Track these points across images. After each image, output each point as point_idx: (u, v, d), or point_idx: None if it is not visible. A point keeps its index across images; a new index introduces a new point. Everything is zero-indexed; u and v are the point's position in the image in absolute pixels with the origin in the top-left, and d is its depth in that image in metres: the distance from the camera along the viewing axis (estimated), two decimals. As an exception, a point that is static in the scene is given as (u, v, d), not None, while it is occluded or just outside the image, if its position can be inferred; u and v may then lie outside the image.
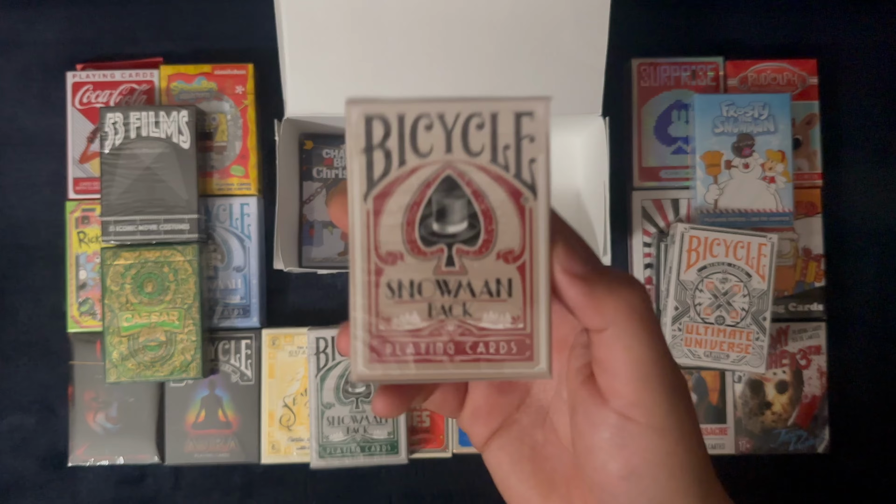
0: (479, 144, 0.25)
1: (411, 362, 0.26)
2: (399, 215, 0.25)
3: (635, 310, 0.25)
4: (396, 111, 0.25)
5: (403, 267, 0.25)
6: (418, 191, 0.25)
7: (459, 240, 0.26)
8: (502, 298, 0.26)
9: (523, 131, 0.25)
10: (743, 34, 0.69)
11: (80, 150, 0.65)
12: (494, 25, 0.58)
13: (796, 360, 0.65)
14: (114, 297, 0.61)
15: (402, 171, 0.25)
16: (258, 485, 0.64)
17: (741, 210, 0.64)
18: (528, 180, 0.26)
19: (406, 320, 0.26)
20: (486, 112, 0.25)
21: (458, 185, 0.25)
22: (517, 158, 0.25)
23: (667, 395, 0.25)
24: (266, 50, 0.63)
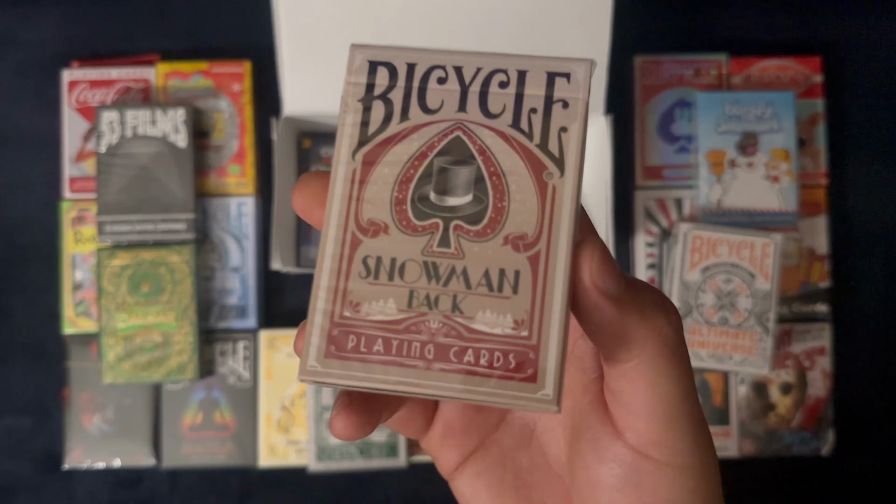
0: (500, 105, 0.21)
1: (377, 363, 0.20)
2: (391, 178, 0.21)
3: (667, 342, 0.21)
4: (406, 59, 0.21)
5: (387, 241, 0.20)
6: (418, 151, 0.21)
7: (460, 215, 0.21)
8: (505, 295, 0.20)
9: (556, 94, 0.21)
10: (746, 31, 0.68)
11: (76, 148, 0.64)
12: (495, 22, 0.57)
13: (800, 361, 0.65)
14: (110, 298, 0.61)
15: (403, 126, 0.21)
16: (255, 488, 0.64)
17: (745, 209, 0.63)
18: (556, 153, 0.21)
19: (378, 308, 0.20)
20: (512, 69, 0.21)
21: (467, 148, 0.21)
22: (545, 126, 0.21)
23: (693, 430, 0.22)
24: (263, 47, 0.62)
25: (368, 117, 0.21)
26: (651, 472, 0.22)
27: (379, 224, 0.21)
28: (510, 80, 0.21)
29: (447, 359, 0.20)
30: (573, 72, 0.21)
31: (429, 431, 0.26)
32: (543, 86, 0.21)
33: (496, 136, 0.21)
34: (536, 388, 0.19)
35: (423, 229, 0.21)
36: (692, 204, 0.65)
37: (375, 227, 0.21)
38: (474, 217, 0.21)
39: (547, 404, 0.19)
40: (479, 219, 0.21)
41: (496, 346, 0.20)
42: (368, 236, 0.20)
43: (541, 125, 0.21)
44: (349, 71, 0.21)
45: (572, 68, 0.21)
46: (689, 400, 0.22)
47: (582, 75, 0.21)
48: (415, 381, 0.20)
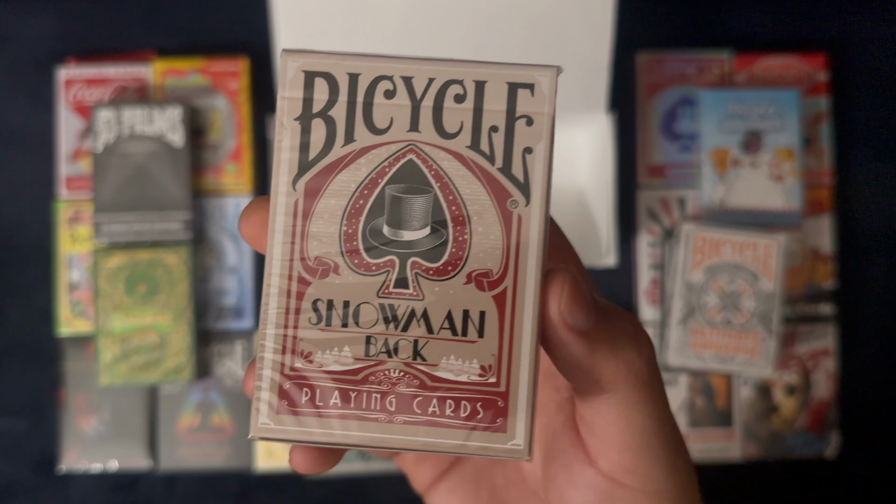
0: (457, 123, 0.19)
1: (335, 418, 0.18)
2: (338, 211, 0.19)
3: (639, 376, 0.20)
4: (348, 68, 0.18)
5: (338, 282, 0.19)
6: (367, 179, 0.19)
7: (418, 251, 0.19)
8: (470, 339, 0.19)
9: (518, 109, 0.19)
10: (750, 27, 0.67)
11: (72, 147, 0.63)
12: (495, 20, 0.56)
13: (804, 362, 0.64)
14: (106, 299, 0.60)
15: (348, 150, 0.19)
16: (253, 491, 0.63)
17: (748, 209, 0.63)
18: (521, 177, 0.19)
19: (333, 357, 0.19)
20: (469, 79, 0.19)
21: (422, 174, 0.19)
22: (507, 146, 0.19)
23: (668, 457, 0.21)
24: (261, 44, 0.62)
25: (308, 139, 0.18)
26: (625, 499, 0.21)
27: (328, 263, 0.19)
28: (467, 92, 0.19)
29: (410, 410, 0.19)
30: (537, 82, 0.19)
31: (400, 453, 0.25)
32: (504, 99, 0.19)
33: (453, 160, 0.19)
34: (507, 437, 0.19)
35: (378, 268, 0.19)
36: (695, 203, 0.64)
37: (324, 267, 0.19)
38: (433, 253, 0.19)
39: (518, 454, 0.19)
40: (439, 255, 0.19)
41: (462, 394, 0.19)
42: (317, 277, 0.19)
43: (503, 146, 0.19)
44: (282, 84, 0.18)
45: (536, 78, 0.19)
46: (665, 428, 0.21)
47: (547, 86, 0.19)
48: (377, 437, 0.18)
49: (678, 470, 0.22)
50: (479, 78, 0.19)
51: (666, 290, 0.63)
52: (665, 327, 0.62)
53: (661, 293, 0.64)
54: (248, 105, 0.64)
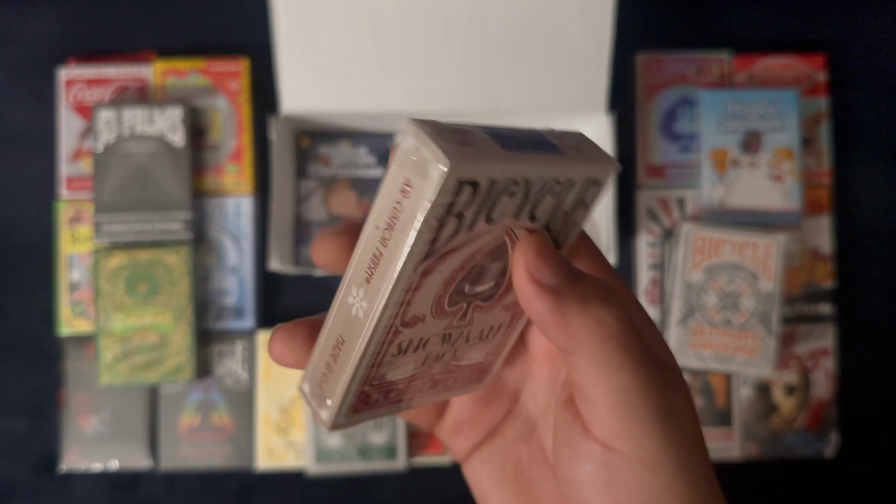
0: (545, 212, 0.22)
1: (392, 403, 0.24)
2: (440, 281, 0.21)
3: (611, 332, 0.21)
4: (489, 174, 0.19)
5: (420, 328, 0.22)
6: (469, 257, 0.21)
7: (481, 297, 0.23)
8: (487, 340, 0.25)
9: (584, 197, 0.23)
10: (749, 28, 0.67)
11: (72, 147, 0.63)
12: (496, 19, 0.56)
13: (804, 362, 0.64)
14: (107, 298, 0.60)
15: (467, 237, 0.20)
16: (253, 490, 0.63)
17: (748, 209, 0.63)
18: (562, 241, 0.23)
19: (400, 372, 0.23)
20: (564, 176, 0.21)
21: (506, 249, 0.22)
22: (565, 222, 0.23)
23: (660, 424, 0.21)
24: (261, 45, 0.62)
25: (440, 234, 0.20)
26: (621, 469, 0.22)
27: (419, 317, 0.21)
28: (562, 188, 0.22)
29: (436, 386, 0.25)
30: (601, 180, 0.22)
31: (440, 423, 0.28)
32: (578, 191, 0.22)
33: (526, 233, 0.22)
34: (481, 384, 0.26)
35: (451, 313, 0.23)
36: (695, 203, 0.64)
37: (415, 320, 0.22)
38: (489, 294, 0.23)
39: (480, 385, 0.26)
40: (492, 295, 0.23)
41: (467, 370, 0.25)
42: (408, 328, 0.22)
43: (562, 223, 0.23)
44: (438, 190, 0.18)
45: (601, 176, 0.22)
46: (653, 393, 0.21)
47: (606, 180, 0.23)
48: (403, 406, 0.25)
49: (675, 442, 0.22)
50: (572, 176, 0.21)
51: (665, 290, 0.63)
52: (665, 327, 0.62)
53: (660, 293, 0.64)
54: (249, 105, 0.64)
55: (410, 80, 0.57)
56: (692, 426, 0.22)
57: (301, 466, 0.62)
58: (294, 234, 0.63)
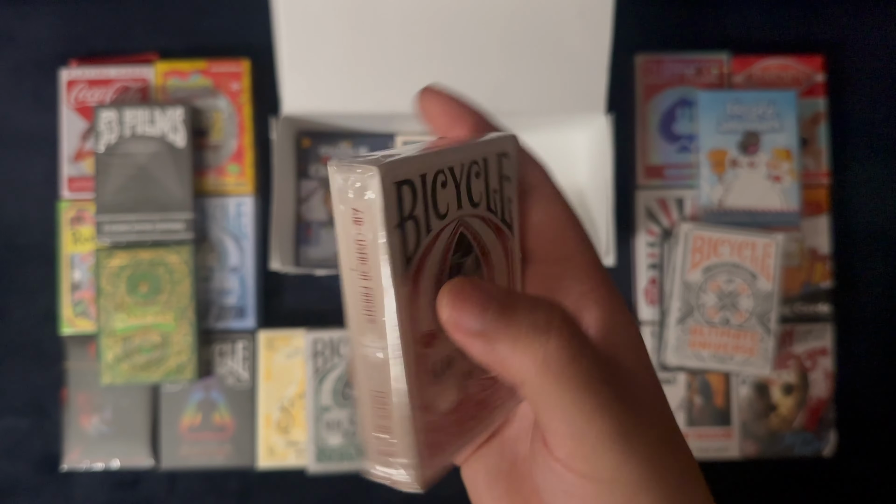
0: (479, 193, 0.23)
1: (456, 437, 0.24)
2: (430, 287, 0.22)
3: (548, 366, 0.21)
4: (419, 171, 0.21)
5: (440, 346, 0.22)
6: (441, 258, 0.22)
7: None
8: None
9: (504, 172, 0.25)
10: (748, 29, 0.68)
11: (74, 148, 0.64)
12: (495, 21, 0.57)
13: (802, 362, 0.64)
14: (108, 298, 0.60)
15: (430, 238, 0.22)
16: (254, 489, 0.64)
17: (746, 209, 0.63)
18: (509, 220, 0.25)
19: (447, 400, 0.23)
20: (479, 157, 0.24)
21: (469, 241, 0.23)
22: (502, 200, 0.24)
23: (614, 445, 0.21)
24: (262, 46, 0.62)
25: (407, 241, 0.21)
26: (580, 485, 0.22)
27: (433, 333, 0.22)
28: (480, 167, 0.24)
29: (488, 406, 0.25)
30: (508, 151, 0.25)
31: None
32: (496, 168, 0.24)
33: (481, 222, 0.24)
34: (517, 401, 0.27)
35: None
36: (693, 204, 0.64)
37: (431, 337, 0.22)
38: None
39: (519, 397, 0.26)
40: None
41: (498, 381, 0.25)
42: (428, 348, 0.22)
43: (500, 201, 0.24)
44: (383, 197, 0.20)
45: (506, 148, 0.25)
46: (605, 415, 0.21)
47: (513, 151, 0.25)
48: (483, 429, 0.25)
49: (633, 460, 0.22)
50: (483, 155, 0.24)
51: (664, 290, 0.63)
52: (663, 327, 0.62)
53: (659, 293, 0.64)
54: (250, 106, 0.64)
55: (411, 80, 0.57)
56: (659, 440, 0.22)
57: (302, 465, 0.62)
58: (295, 234, 0.63)
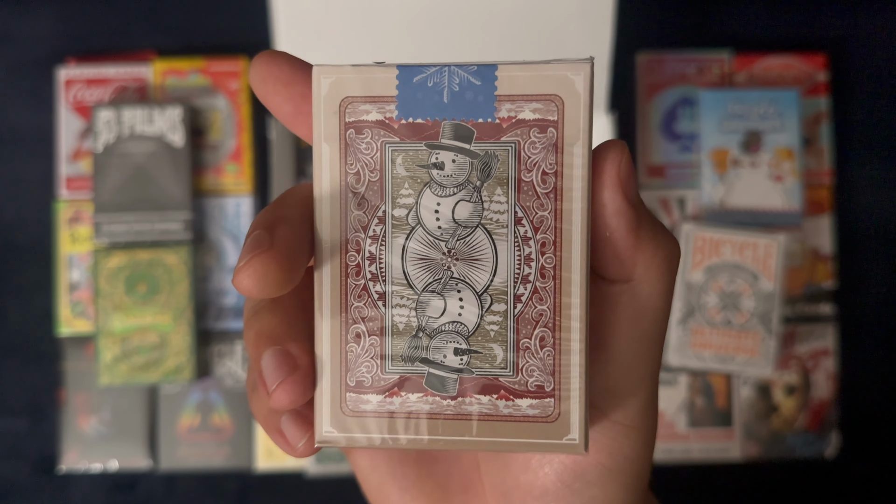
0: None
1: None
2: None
3: (671, 265, 0.21)
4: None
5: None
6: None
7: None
8: None
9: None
10: (750, 27, 0.67)
11: (72, 147, 0.63)
12: (496, 20, 0.56)
13: (804, 362, 0.64)
14: (106, 299, 0.60)
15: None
16: (253, 491, 0.63)
17: (748, 209, 0.63)
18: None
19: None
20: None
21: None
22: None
23: (653, 404, 0.22)
24: (261, 44, 0.62)
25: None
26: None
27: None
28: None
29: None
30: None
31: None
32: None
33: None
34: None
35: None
36: (695, 203, 0.64)
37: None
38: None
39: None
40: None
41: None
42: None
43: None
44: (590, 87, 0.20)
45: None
46: (664, 323, 0.21)
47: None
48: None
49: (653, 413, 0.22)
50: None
51: (666, 290, 0.63)
52: (665, 327, 0.62)
53: (660, 293, 0.64)
54: (249, 105, 0.64)
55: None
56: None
57: (301, 467, 0.62)
58: (294, 234, 0.63)
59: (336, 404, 0.20)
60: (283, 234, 0.19)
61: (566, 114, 0.20)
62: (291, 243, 0.19)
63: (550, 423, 0.20)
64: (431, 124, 0.20)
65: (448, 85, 0.20)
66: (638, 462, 0.21)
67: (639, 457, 0.21)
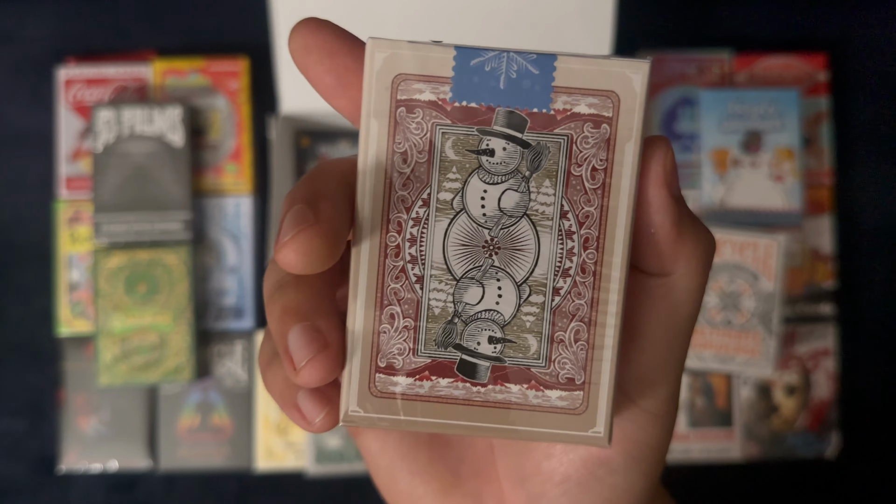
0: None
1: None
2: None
3: (710, 256, 0.21)
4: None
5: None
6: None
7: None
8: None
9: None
10: (750, 27, 0.67)
11: (72, 147, 0.63)
12: (496, 20, 0.56)
13: (804, 362, 0.64)
14: (106, 299, 0.60)
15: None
16: (253, 491, 0.63)
17: (748, 209, 0.63)
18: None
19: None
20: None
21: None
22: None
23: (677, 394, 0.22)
24: (261, 44, 0.62)
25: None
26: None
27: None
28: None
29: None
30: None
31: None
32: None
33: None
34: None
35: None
36: (695, 203, 0.64)
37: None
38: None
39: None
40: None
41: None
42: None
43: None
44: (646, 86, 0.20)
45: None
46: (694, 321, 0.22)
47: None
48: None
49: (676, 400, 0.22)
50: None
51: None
52: (665, 327, 0.62)
53: (661, 293, 0.64)
54: (248, 105, 0.64)
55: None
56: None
57: (301, 467, 0.62)
58: (294, 234, 0.63)
59: (364, 384, 0.20)
60: (327, 208, 0.19)
61: (621, 112, 0.20)
62: (335, 219, 0.19)
63: (578, 415, 0.20)
64: (485, 110, 0.20)
65: (505, 71, 0.20)
66: (658, 451, 0.22)
67: (660, 446, 0.22)
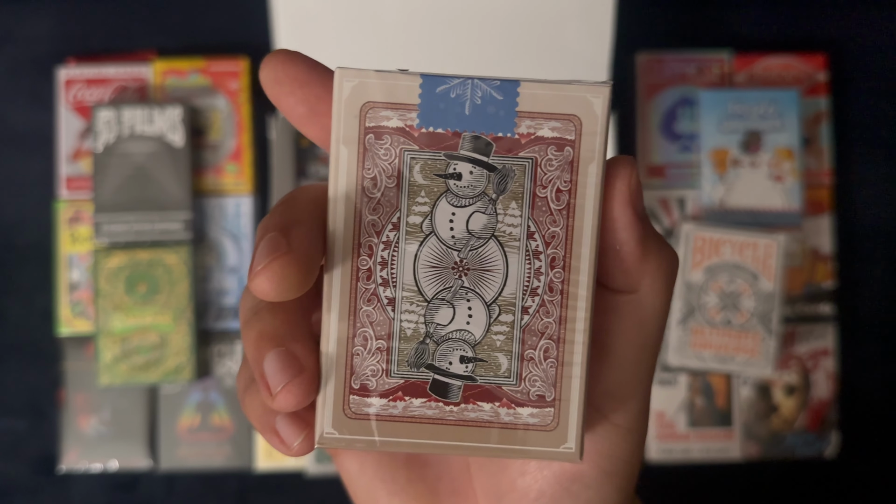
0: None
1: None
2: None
3: (672, 276, 0.22)
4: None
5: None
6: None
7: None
8: None
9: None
10: (750, 27, 0.67)
11: (72, 147, 0.63)
12: (495, 19, 0.56)
13: (804, 362, 0.64)
14: (106, 299, 0.60)
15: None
16: (253, 491, 0.63)
17: (748, 209, 0.63)
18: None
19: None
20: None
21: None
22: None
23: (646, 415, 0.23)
24: (261, 44, 0.62)
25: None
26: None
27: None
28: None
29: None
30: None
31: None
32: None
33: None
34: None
35: None
36: (695, 203, 0.64)
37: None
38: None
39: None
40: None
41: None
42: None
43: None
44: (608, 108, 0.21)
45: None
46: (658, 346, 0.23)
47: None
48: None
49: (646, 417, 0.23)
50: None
51: (666, 290, 0.63)
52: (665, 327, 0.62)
53: (660, 293, 0.64)
54: (249, 105, 0.64)
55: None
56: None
57: (301, 467, 0.62)
58: (294, 234, 0.63)
59: (339, 406, 0.21)
60: (299, 236, 0.19)
61: (583, 134, 0.20)
62: (308, 246, 0.19)
63: (549, 431, 0.20)
64: (451, 135, 0.20)
65: (470, 97, 0.20)
66: (631, 465, 0.22)
67: (633, 459, 0.22)
